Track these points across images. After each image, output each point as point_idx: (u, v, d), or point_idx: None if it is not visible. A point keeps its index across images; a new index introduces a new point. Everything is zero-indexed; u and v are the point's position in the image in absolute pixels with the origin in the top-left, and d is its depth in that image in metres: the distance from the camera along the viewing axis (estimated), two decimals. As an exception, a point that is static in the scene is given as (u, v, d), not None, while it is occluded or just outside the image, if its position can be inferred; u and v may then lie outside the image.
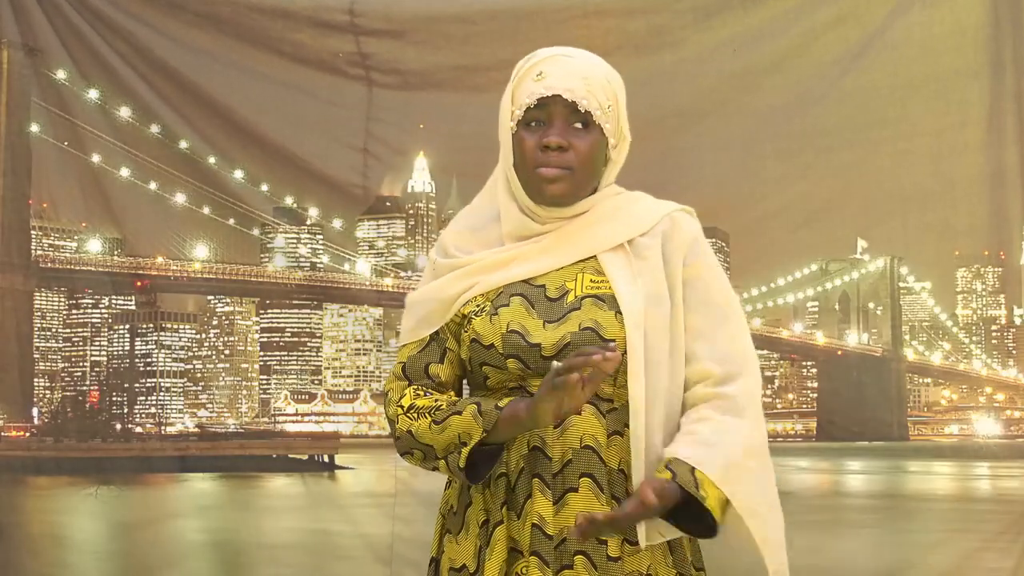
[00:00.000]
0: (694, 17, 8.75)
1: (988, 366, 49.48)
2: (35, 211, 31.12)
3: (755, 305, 50.85)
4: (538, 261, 2.36)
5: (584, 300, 2.33)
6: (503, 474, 2.30)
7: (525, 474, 2.27)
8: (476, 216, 2.45)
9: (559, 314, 2.31)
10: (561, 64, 2.37)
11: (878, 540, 14.42)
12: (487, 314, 2.32)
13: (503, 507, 2.28)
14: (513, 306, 2.32)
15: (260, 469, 32.40)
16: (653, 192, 2.60)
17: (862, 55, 9.19)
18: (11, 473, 26.79)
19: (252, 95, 10.38)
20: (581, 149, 2.35)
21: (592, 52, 2.46)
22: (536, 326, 2.30)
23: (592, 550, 2.25)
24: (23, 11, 11.19)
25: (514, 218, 2.37)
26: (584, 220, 2.39)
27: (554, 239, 2.38)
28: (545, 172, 2.34)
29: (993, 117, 8.87)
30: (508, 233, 2.38)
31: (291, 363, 48.67)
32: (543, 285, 2.34)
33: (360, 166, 9.37)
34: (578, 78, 2.35)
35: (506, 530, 2.27)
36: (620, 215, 2.41)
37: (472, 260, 2.36)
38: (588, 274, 2.35)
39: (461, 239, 2.42)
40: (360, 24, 8.75)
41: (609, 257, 2.36)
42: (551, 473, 2.26)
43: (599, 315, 2.30)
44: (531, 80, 2.35)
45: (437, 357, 2.41)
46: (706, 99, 9.89)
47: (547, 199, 2.35)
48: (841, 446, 43.37)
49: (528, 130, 2.34)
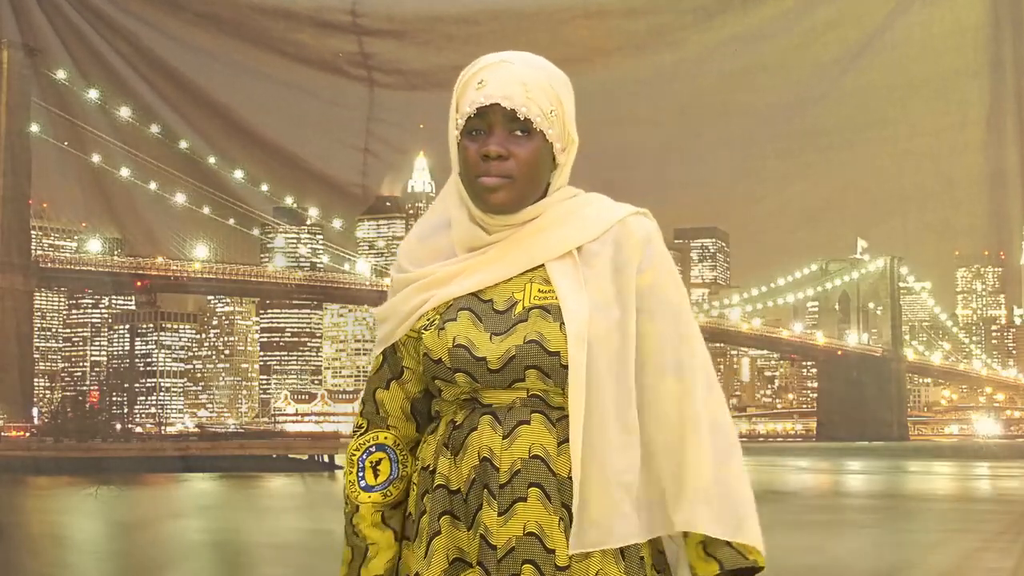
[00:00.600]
0: (695, 17, 8.75)
1: (988, 366, 49.48)
2: (35, 211, 31.15)
3: (755, 305, 50.86)
4: (486, 272, 2.35)
5: (531, 311, 2.32)
6: (441, 485, 2.31)
7: (476, 484, 2.29)
8: (426, 225, 2.46)
9: (506, 326, 2.31)
10: (501, 71, 2.35)
11: (878, 540, 14.43)
12: (435, 328, 2.33)
13: (440, 517, 2.30)
14: (460, 320, 2.32)
15: (260, 469, 32.39)
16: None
17: (862, 55, 9.19)
18: (11, 473, 26.83)
19: (253, 95, 10.38)
20: (521, 157, 2.33)
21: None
22: (482, 339, 2.30)
23: (540, 559, 2.25)
24: (23, 11, 11.20)
25: (464, 227, 2.37)
26: (533, 227, 2.38)
27: (502, 249, 2.36)
28: (486, 181, 2.33)
29: (993, 117, 8.86)
30: (457, 242, 2.38)
31: (291, 363, 48.68)
32: (491, 299, 2.34)
33: (360, 165, 9.38)
34: (517, 84, 2.33)
35: (447, 540, 2.29)
36: (570, 221, 2.39)
37: (424, 273, 2.37)
38: (536, 284, 2.34)
39: (413, 251, 2.42)
40: (362, 24, 8.76)
41: (556, 266, 2.35)
42: (498, 484, 2.27)
43: (544, 327, 2.30)
44: (473, 88, 2.34)
45: (384, 382, 2.43)
46: (707, 99, 9.91)
47: (491, 207, 2.34)
48: (841, 446, 43.39)
49: (470, 139, 2.33)
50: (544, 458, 2.25)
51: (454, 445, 2.27)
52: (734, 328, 46.77)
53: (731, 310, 47.92)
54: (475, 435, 2.25)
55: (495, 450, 2.24)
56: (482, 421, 2.25)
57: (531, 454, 2.25)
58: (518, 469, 2.24)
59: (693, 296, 55.66)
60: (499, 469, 2.24)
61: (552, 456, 2.26)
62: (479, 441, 2.25)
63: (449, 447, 2.28)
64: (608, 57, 8.44)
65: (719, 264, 57.29)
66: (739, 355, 56.21)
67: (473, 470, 2.26)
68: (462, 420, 2.28)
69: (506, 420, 2.25)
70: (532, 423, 2.26)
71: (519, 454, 2.25)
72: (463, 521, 2.25)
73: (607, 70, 8.40)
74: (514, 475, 2.24)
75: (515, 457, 2.25)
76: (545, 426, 2.27)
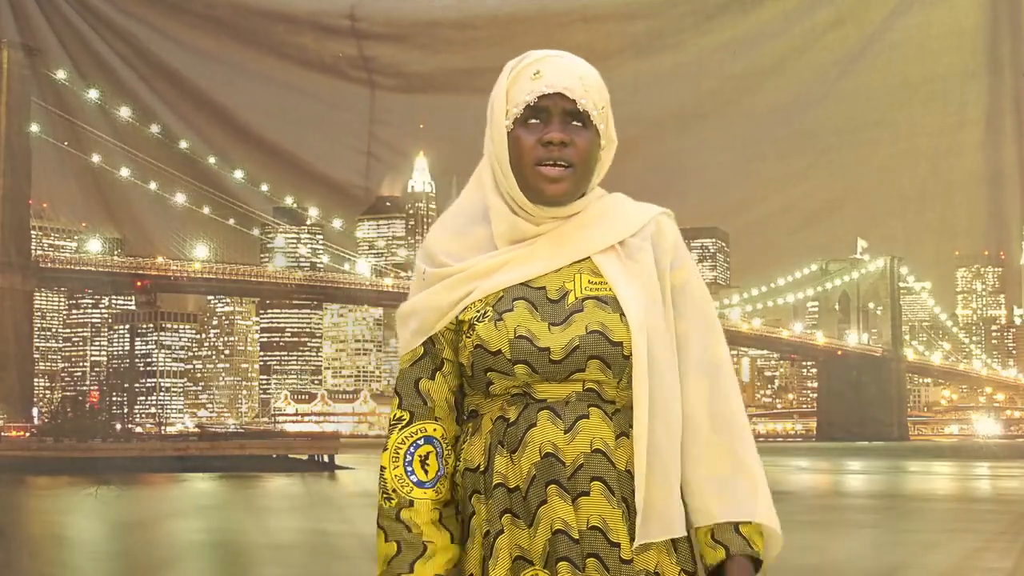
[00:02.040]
0: (694, 20, 8.75)
1: (988, 366, 49.50)
2: (35, 211, 31.16)
3: (755, 305, 50.91)
4: (534, 263, 2.35)
5: (585, 301, 2.32)
6: (499, 484, 2.30)
7: (538, 481, 2.27)
8: (459, 219, 2.43)
9: (562, 316, 2.30)
10: (557, 63, 2.37)
11: (878, 540, 14.43)
12: (490, 319, 2.30)
13: (502, 516, 2.29)
14: (517, 310, 2.30)
15: (260, 469, 32.35)
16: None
17: (861, 56, 9.18)
18: (11, 473, 26.84)
19: (254, 97, 10.37)
20: (581, 146, 2.34)
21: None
22: (542, 329, 2.29)
23: (605, 553, 2.26)
24: (23, 11, 11.18)
25: (506, 219, 2.35)
26: (577, 221, 2.39)
27: (548, 241, 2.37)
28: (547, 171, 2.32)
29: (991, 118, 8.86)
30: (500, 235, 2.36)
31: (291, 363, 48.68)
32: (543, 287, 2.33)
33: (362, 167, 9.38)
34: (575, 77, 2.35)
35: (510, 539, 2.28)
36: (610, 216, 2.41)
37: (464, 267, 2.35)
38: (586, 275, 2.35)
39: (448, 245, 2.40)
40: (361, 28, 8.76)
41: (603, 258, 2.36)
42: (566, 477, 2.27)
43: (604, 317, 2.29)
44: (528, 79, 2.34)
45: (428, 372, 2.39)
46: (706, 101, 9.89)
47: (546, 198, 2.34)
48: (841, 446, 43.41)
49: (526, 128, 2.33)
50: (605, 452, 2.25)
51: (510, 442, 2.26)
52: (734, 328, 46.76)
53: (731, 310, 47.94)
54: (535, 431, 2.24)
55: (559, 445, 2.24)
56: (540, 416, 2.24)
57: (592, 448, 2.25)
58: (581, 464, 2.24)
59: (693, 296, 55.41)
60: (565, 463, 2.24)
61: (612, 449, 2.26)
62: (541, 436, 2.23)
63: (505, 444, 2.27)
64: (607, 60, 8.44)
65: (719, 264, 57.31)
66: (739, 355, 56.24)
67: (534, 466, 2.25)
68: (516, 416, 2.26)
69: (565, 414, 2.25)
70: (591, 417, 2.26)
71: (581, 448, 2.24)
72: (523, 519, 2.25)
73: (606, 73, 8.26)
74: (577, 469, 2.24)
75: (578, 451, 2.24)
76: (603, 420, 2.26)
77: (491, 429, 2.29)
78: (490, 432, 2.29)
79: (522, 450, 2.26)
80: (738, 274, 54.06)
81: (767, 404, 57.41)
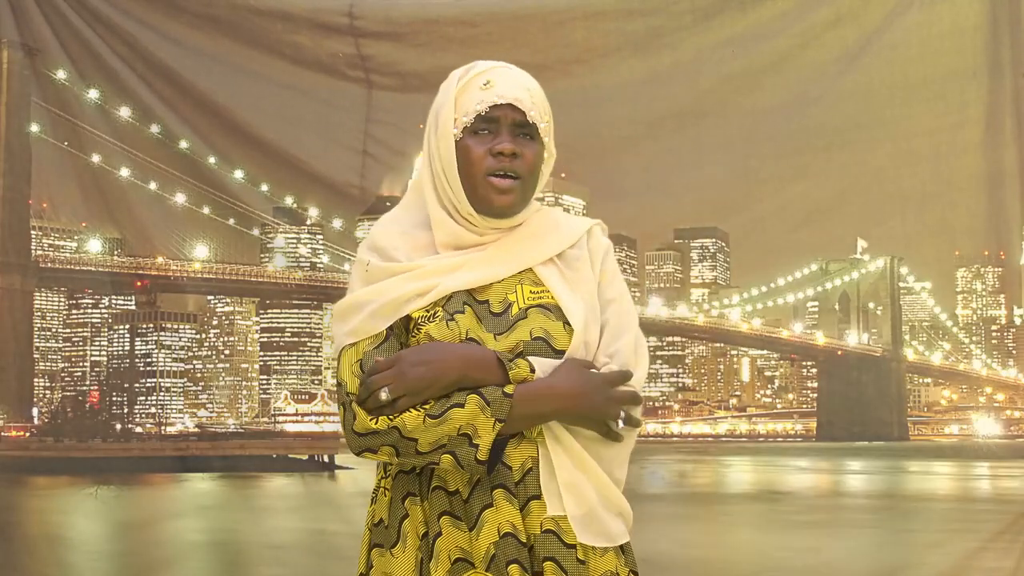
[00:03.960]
0: (693, 19, 8.75)
1: (988, 366, 49.53)
2: (35, 211, 31.17)
3: (755, 305, 50.93)
4: (482, 270, 2.38)
5: (529, 310, 2.35)
6: (438, 487, 2.30)
7: (482, 486, 2.28)
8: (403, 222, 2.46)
9: (506, 326, 2.33)
10: (507, 75, 2.39)
11: (878, 540, 14.43)
12: (441, 320, 2.32)
13: (440, 518, 2.29)
14: (467, 314, 2.34)
15: (260, 469, 32.36)
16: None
17: (860, 56, 9.18)
18: (11, 473, 26.86)
19: (252, 96, 10.37)
20: (529, 158, 2.36)
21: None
22: (488, 338, 2.31)
23: (561, 555, 2.27)
24: (22, 11, 11.19)
25: (448, 228, 2.37)
26: (520, 233, 2.42)
27: (495, 250, 2.39)
28: (498, 182, 2.34)
29: (991, 117, 8.86)
30: (442, 243, 2.38)
31: (291, 363, 48.69)
32: (487, 300, 2.35)
33: (359, 167, 9.39)
34: (524, 89, 2.37)
35: (450, 541, 2.28)
36: (550, 229, 2.45)
37: (416, 265, 2.38)
38: (527, 285, 2.38)
39: (397, 242, 2.42)
40: (359, 27, 8.76)
41: (544, 270, 2.40)
42: (513, 482, 2.28)
43: (548, 324, 2.32)
44: (477, 89, 2.36)
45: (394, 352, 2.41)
46: (705, 100, 9.90)
47: (494, 210, 2.36)
48: (841, 446, 43.44)
49: (475, 138, 2.34)
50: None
51: None
52: (734, 328, 46.81)
53: (731, 310, 47.97)
54: None
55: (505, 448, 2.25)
56: None
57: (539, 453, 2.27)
58: (530, 467, 2.25)
59: (693, 296, 55.70)
60: (511, 468, 2.24)
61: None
62: None
63: None
64: (606, 58, 8.45)
65: (719, 264, 57.32)
66: (739, 355, 56.26)
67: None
68: None
69: None
70: None
71: (529, 452, 2.26)
72: (464, 520, 2.25)
73: (605, 71, 8.33)
74: (526, 473, 2.25)
75: (526, 455, 2.26)
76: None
77: None
78: None
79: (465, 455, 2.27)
80: (738, 274, 54.14)
81: (767, 404, 57.44)
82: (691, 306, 48.08)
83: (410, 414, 2.26)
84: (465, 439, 2.22)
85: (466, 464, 2.23)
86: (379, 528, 2.33)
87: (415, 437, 2.25)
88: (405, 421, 2.26)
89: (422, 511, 2.28)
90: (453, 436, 2.23)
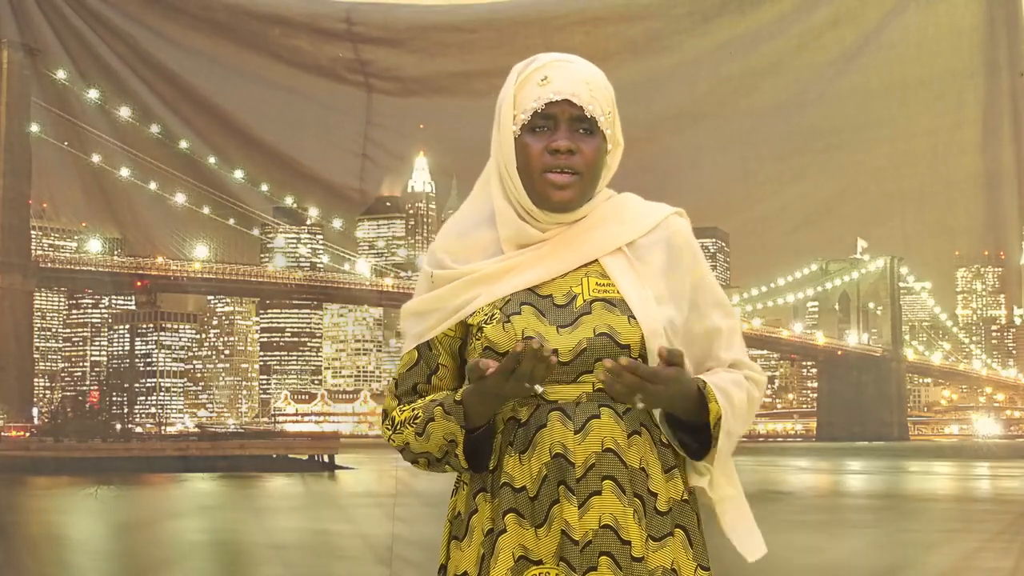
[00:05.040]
0: (691, 22, 8.77)
1: (988, 366, 49.41)
2: (35, 211, 31.11)
3: (755, 305, 50.78)
4: (541, 268, 2.38)
5: (593, 304, 2.35)
6: (505, 483, 2.31)
7: (549, 482, 2.29)
8: (466, 221, 2.45)
9: (570, 319, 2.33)
10: (565, 69, 2.39)
11: (878, 540, 14.44)
12: (498, 322, 2.33)
13: (505, 515, 2.30)
14: (524, 314, 2.34)
15: (260, 469, 32.35)
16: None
17: (859, 56, 9.21)
18: (11, 473, 26.81)
19: (251, 99, 10.39)
20: (588, 154, 2.37)
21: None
22: (550, 332, 2.32)
23: (616, 550, 2.27)
24: (23, 11, 11.20)
25: (512, 224, 2.38)
26: (584, 225, 2.42)
27: (555, 245, 2.39)
28: (554, 178, 2.35)
29: (989, 118, 8.89)
30: (506, 239, 2.39)
31: (291, 363, 48.65)
32: (550, 295, 2.36)
33: (358, 171, 9.40)
34: (582, 83, 2.37)
35: (513, 539, 2.29)
36: (617, 218, 2.43)
37: (472, 270, 2.37)
38: (593, 278, 2.38)
39: (454, 248, 2.42)
40: (357, 32, 8.79)
41: (611, 261, 2.39)
42: (575, 479, 2.28)
43: (612, 320, 2.33)
44: (535, 85, 2.36)
45: (424, 377, 2.42)
46: (704, 101, 9.91)
47: (553, 205, 2.36)
48: (841, 446, 43.38)
49: (533, 135, 2.35)
50: (616, 451, 2.27)
51: (520, 443, 2.27)
52: (734, 328, 46.79)
53: (731, 310, 47.92)
54: (545, 432, 2.26)
55: (568, 445, 2.26)
56: (551, 417, 2.27)
57: (604, 447, 2.27)
58: (592, 463, 2.27)
59: (693, 296, 55.55)
60: (574, 464, 2.25)
61: (623, 448, 2.29)
62: (550, 437, 2.26)
63: (514, 445, 2.28)
64: (605, 62, 8.43)
65: (719, 264, 57.29)
66: (739, 355, 56.14)
67: (545, 467, 2.27)
68: (527, 417, 2.28)
69: (576, 415, 2.28)
70: (603, 417, 2.29)
71: (592, 448, 2.27)
72: (528, 519, 2.25)
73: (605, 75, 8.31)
74: (588, 469, 2.26)
75: (589, 451, 2.27)
76: (614, 419, 2.30)
77: (502, 430, 2.31)
78: (501, 433, 2.31)
79: (532, 450, 2.28)
80: (738, 274, 54.04)
81: (767, 404, 57.47)
82: (691, 306, 47.96)
83: (408, 431, 2.30)
84: (452, 446, 2.25)
85: (458, 470, 2.26)
86: (457, 521, 2.37)
87: (423, 451, 2.29)
88: (407, 439, 2.30)
89: (490, 508, 2.29)
90: (445, 445, 2.26)
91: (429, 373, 2.42)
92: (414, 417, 2.33)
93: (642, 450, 2.34)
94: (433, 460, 2.33)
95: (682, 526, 2.32)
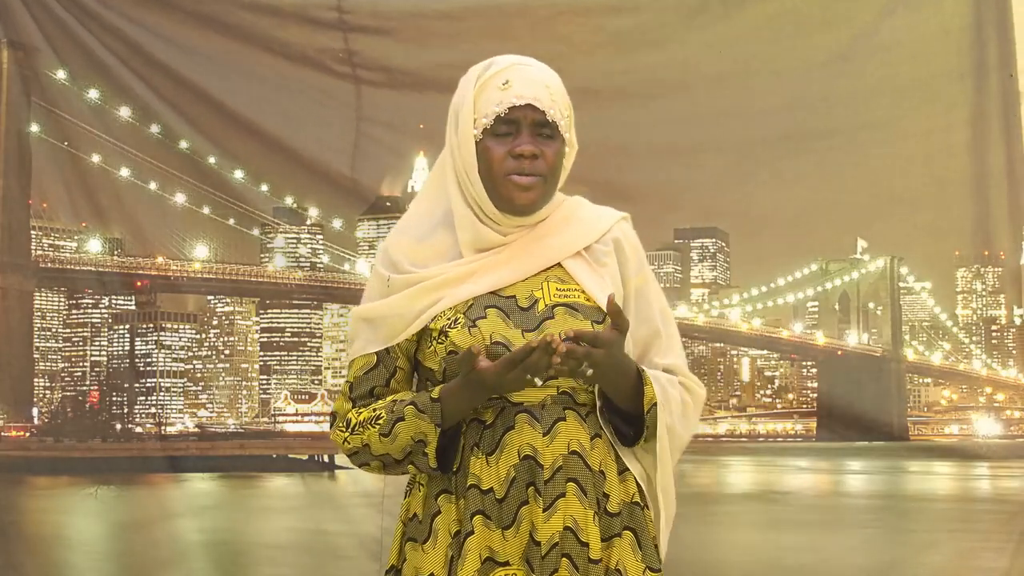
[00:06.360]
0: (678, 16, 8.75)
1: (988, 366, 49.40)
2: (35, 211, 31.15)
3: (755, 305, 50.79)
4: (503, 272, 2.36)
5: (555, 309, 2.35)
6: (472, 485, 2.31)
7: (517, 483, 2.29)
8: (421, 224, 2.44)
9: (534, 323, 2.33)
10: (525, 73, 2.37)
11: (877, 540, 14.45)
12: (463, 326, 2.32)
13: (473, 517, 2.30)
14: (490, 318, 2.33)
15: (260, 469, 32.36)
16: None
17: (850, 57, 9.19)
18: (11, 473, 26.85)
19: (245, 91, 10.37)
20: (550, 157, 2.36)
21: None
22: (516, 336, 2.31)
23: (575, 552, 2.28)
24: (9, 11, 11.15)
25: (471, 228, 2.36)
26: (543, 229, 2.41)
27: (516, 249, 2.38)
28: (519, 180, 2.34)
29: (978, 119, 8.88)
30: (466, 242, 2.37)
31: (291, 363, 48.62)
32: (513, 296, 2.35)
33: (349, 159, 9.39)
34: (542, 87, 2.36)
35: (480, 540, 2.29)
36: (574, 222, 2.43)
37: (432, 274, 2.36)
38: (553, 282, 2.37)
39: (411, 251, 2.40)
40: (348, 21, 8.75)
41: (573, 264, 2.39)
42: (543, 480, 2.29)
43: (576, 325, 2.32)
44: (496, 89, 2.35)
45: (383, 380, 2.41)
46: (699, 99, 9.91)
47: (517, 208, 2.35)
48: (841, 446, 43.33)
49: (495, 139, 2.34)
50: (581, 453, 2.29)
51: (486, 444, 2.28)
52: (734, 328, 46.74)
53: (731, 310, 47.90)
54: (513, 433, 2.26)
55: (537, 447, 2.26)
56: (519, 419, 2.27)
57: (570, 450, 2.28)
58: (560, 465, 2.27)
59: (693, 296, 55.61)
60: (543, 466, 2.26)
61: (587, 450, 2.30)
62: (519, 439, 2.26)
63: (480, 447, 2.29)
64: (592, 55, 8.44)
65: (719, 264, 57.21)
66: (739, 355, 56.14)
67: (513, 468, 2.27)
68: (493, 419, 2.29)
69: (543, 417, 2.28)
70: (568, 419, 2.29)
71: (560, 450, 2.27)
72: (495, 521, 2.26)
73: (592, 68, 8.35)
74: (556, 471, 2.27)
75: (557, 453, 2.27)
76: (579, 422, 2.30)
77: (465, 431, 2.32)
78: (464, 434, 2.32)
79: (499, 452, 2.28)
80: (738, 274, 53.98)
81: (767, 404, 57.35)
82: (691, 306, 48.01)
83: (366, 434, 2.31)
84: (421, 446, 2.26)
85: (424, 470, 2.27)
86: (413, 522, 2.36)
87: (383, 453, 2.30)
88: (369, 440, 2.31)
89: (456, 509, 2.30)
90: (411, 445, 2.26)
91: (388, 377, 2.41)
92: (376, 418, 2.33)
93: (602, 453, 2.36)
94: (391, 462, 2.33)
95: (631, 528, 2.33)
